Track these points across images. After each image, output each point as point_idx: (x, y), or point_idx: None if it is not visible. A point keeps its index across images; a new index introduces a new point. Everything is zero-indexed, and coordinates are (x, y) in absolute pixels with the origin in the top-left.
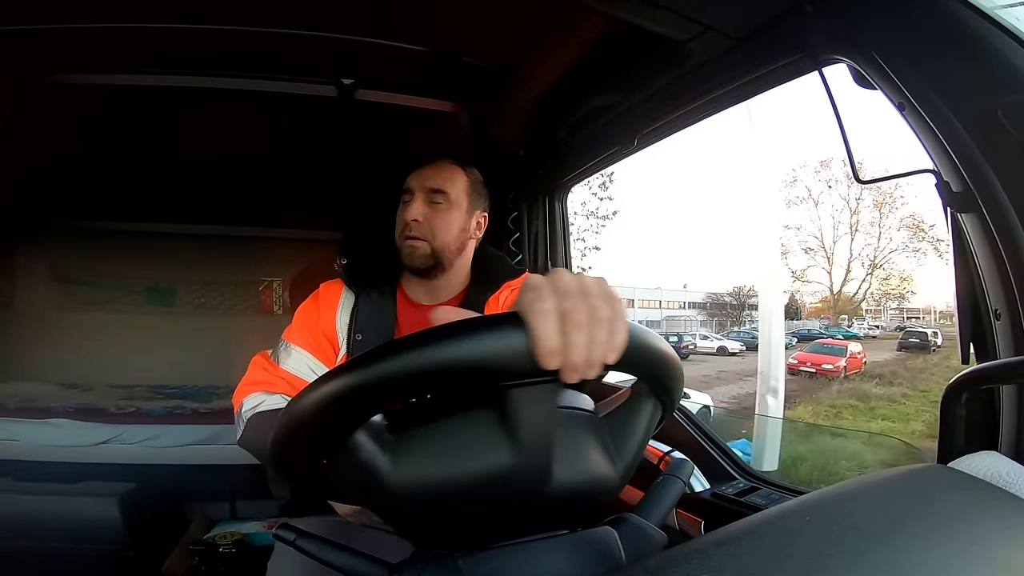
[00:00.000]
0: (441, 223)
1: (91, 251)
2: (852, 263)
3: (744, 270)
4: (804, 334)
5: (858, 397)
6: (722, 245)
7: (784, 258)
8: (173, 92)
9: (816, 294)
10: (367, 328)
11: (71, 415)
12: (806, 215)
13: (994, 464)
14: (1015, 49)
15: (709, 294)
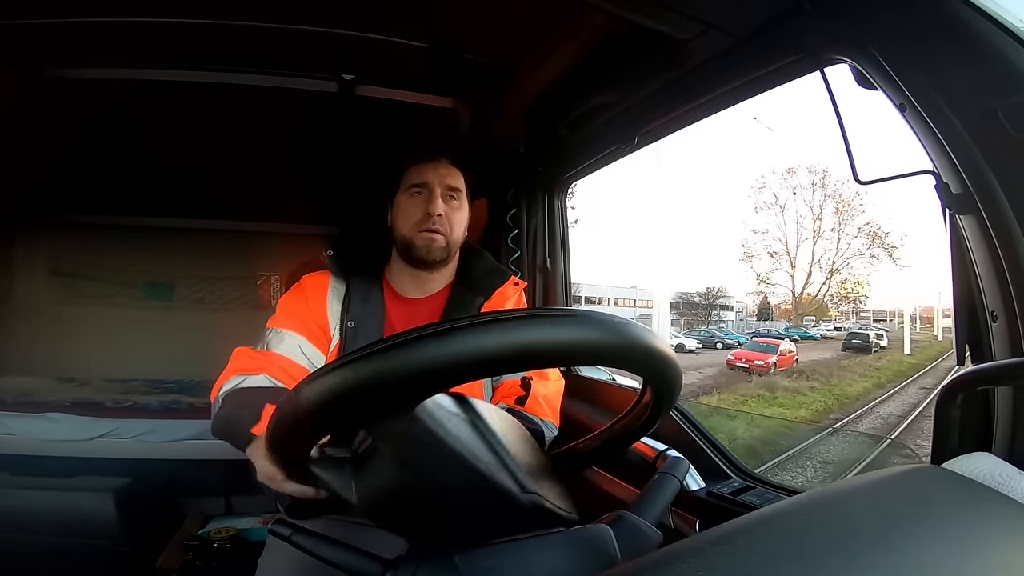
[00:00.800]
0: (457, 219)
1: (89, 245)
2: (813, 267)
3: (713, 272)
4: (763, 333)
5: (768, 389)
6: (693, 248)
7: (749, 261)
8: (173, 87)
9: (781, 296)
10: (359, 318)
11: (68, 409)
12: (772, 220)
13: (987, 465)
14: (1017, 50)
15: (679, 294)
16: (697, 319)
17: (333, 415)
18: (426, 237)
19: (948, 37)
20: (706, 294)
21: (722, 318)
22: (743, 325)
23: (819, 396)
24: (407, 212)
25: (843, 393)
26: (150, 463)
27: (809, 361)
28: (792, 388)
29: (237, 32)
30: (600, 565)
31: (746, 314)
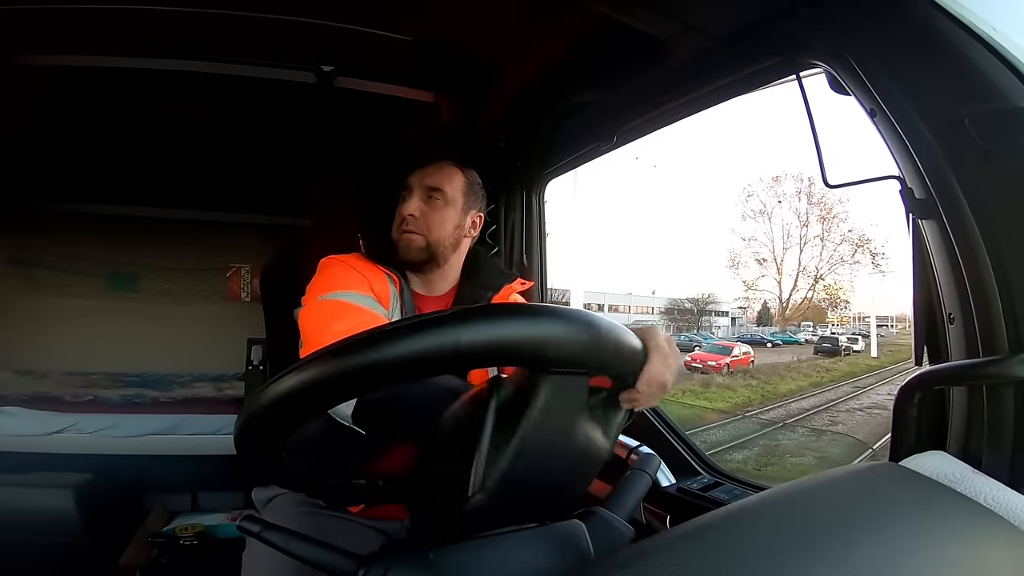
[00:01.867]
0: (437, 219)
1: (51, 234)
2: (799, 274)
3: (704, 279)
4: (748, 339)
5: (703, 385)
6: (684, 255)
7: (736, 268)
8: (144, 74)
9: (772, 302)
10: (406, 313)
11: (25, 403)
12: (759, 227)
13: (941, 464)
14: (987, 58)
15: (671, 300)
16: (688, 324)
17: (311, 400)
18: (403, 238)
19: (921, 44)
20: (696, 300)
21: (715, 324)
22: (743, 331)
23: (748, 392)
24: (397, 215)
25: (773, 390)
26: (112, 459)
27: (768, 363)
28: (726, 385)
29: (211, 20)
30: (573, 560)
31: (746, 320)
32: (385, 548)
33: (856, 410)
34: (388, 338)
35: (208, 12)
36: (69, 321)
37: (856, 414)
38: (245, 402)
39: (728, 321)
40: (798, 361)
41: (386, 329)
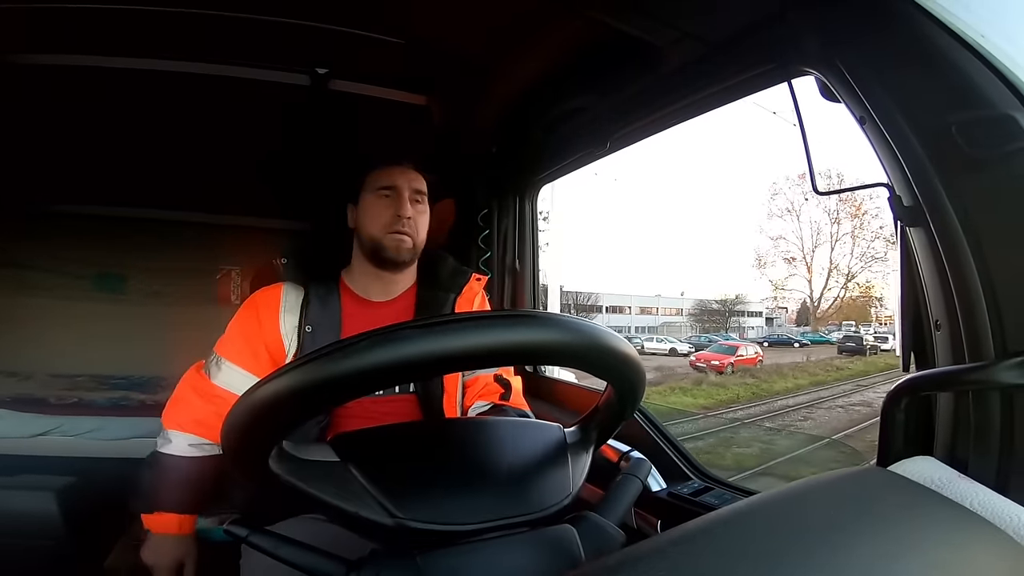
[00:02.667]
0: (422, 222)
1: (36, 234)
2: (832, 272)
3: (733, 279)
4: (775, 339)
5: (695, 383)
6: (713, 256)
7: (762, 268)
8: (137, 75)
9: (799, 301)
10: (318, 322)
11: (8, 405)
12: (786, 226)
13: (928, 468)
14: (975, 65)
15: (698, 302)
16: (716, 325)
17: (290, 410)
18: (396, 238)
19: (910, 51)
20: (724, 301)
21: (747, 325)
22: (780, 331)
23: (739, 389)
24: (375, 213)
25: (769, 388)
26: (96, 462)
27: (782, 362)
28: (719, 383)
29: (206, 21)
30: (564, 565)
31: (785, 320)
32: (374, 553)
33: (837, 407)
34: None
35: (203, 13)
36: (55, 322)
37: (835, 410)
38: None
39: (761, 322)
40: (810, 361)
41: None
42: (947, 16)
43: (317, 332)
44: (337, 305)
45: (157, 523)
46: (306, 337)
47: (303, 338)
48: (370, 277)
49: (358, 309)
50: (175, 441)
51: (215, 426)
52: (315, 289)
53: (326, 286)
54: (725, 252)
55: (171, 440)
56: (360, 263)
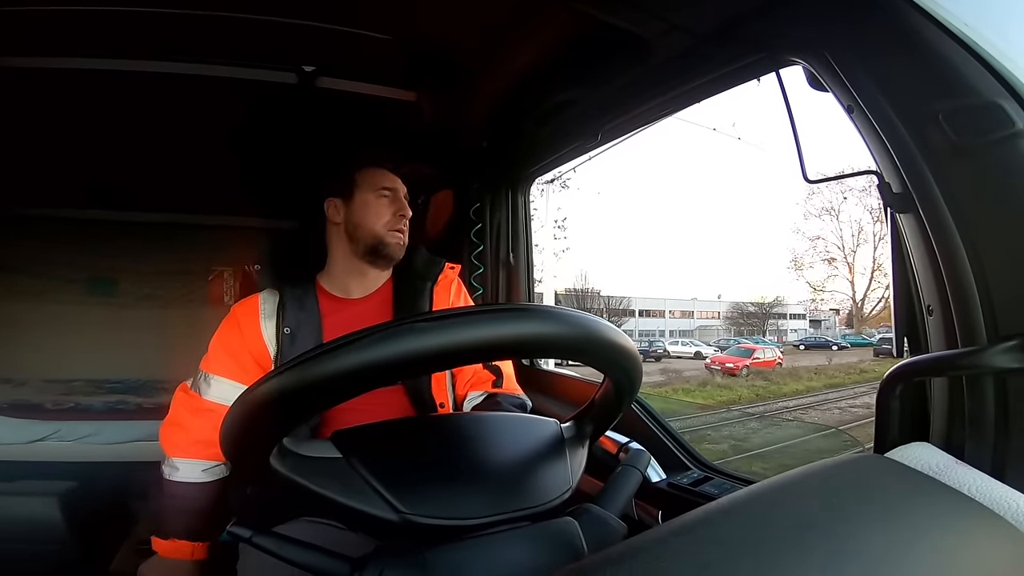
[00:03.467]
0: (408, 222)
1: (27, 239)
2: (876, 272)
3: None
4: (811, 342)
5: (700, 385)
6: (750, 257)
7: (799, 270)
8: (123, 76)
9: (845, 303)
10: (297, 324)
11: (4, 412)
12: (825, 226)
13: (925, 455)
14: (960, 54)
15: (734, 304)
16: (753, 329)
17: (287, 409)
18: (397, 236)
19: (896, 40)
20: (761, 304)
21: (789, 328)
22: (830, 334)
23: (744, 391)
24: (378, 212)
25: (775, 391)
26: (96, 466)
27: (803, 365)
28: (725, 385)
29: (192, 21)
30: (567, 558)
31: (836, 322)
32: (379, 549)
33: (836, 408)
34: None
35: (188, 13)
36: (48, 327)
37: (831, 411)
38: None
39: (804, 324)
40: (832, 364)
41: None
42: (932, 5)
43: (297, 334)
44: (315, 306)
45: (168, 548)
46: (285, 339)
47: (282, 341)
48: (352, 275)
49: (337, 307)
50: (183, 468)
51: (217, 442)
52: (291, 292)
53: (302, 288)
54: (763, 254)
55: (178, 468)
56: (345, 261)
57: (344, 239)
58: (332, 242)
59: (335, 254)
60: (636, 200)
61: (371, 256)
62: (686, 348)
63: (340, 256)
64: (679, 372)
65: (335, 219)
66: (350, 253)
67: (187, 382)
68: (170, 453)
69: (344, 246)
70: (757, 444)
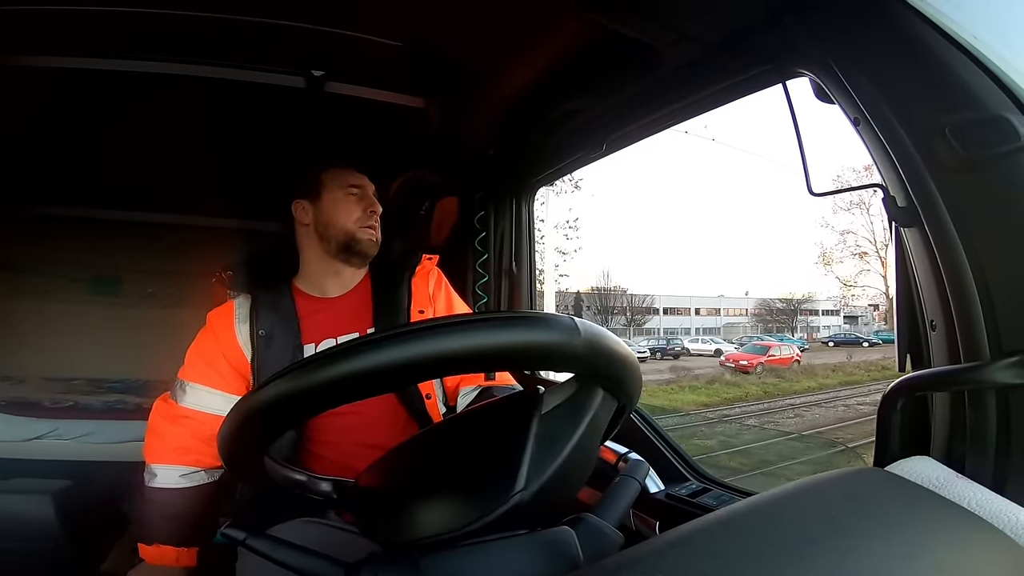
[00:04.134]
0: (380, 218)
1: (29, 237)
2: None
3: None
4: (841, 338)
5: (707, 382)
6: (778, 253)
7: (828, 265)
8: (131, 77)
9: (878, 298)
10: (271, 324)
11: (2, 409)
12: (855, 220)
13: (926, 469)
14: (968, 67)
15: (761, 301)
16: (782, 326)
17: (284, 415)
18: (369, 232)
19: (903, 52)
20: (790, 300)
21: (820, 324)
22: (867, 331)
23: (752, 388)
24: (347, 209)
25: (786, 388)
26: (92, 465)
27: (824, 362)
28: (733, 382)
29: (201, 23)
30: (563, 567)
31: (874, 318)
32: (373, 555)
33: (841, 406)
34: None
35: (198, 15)
36: (49, 325)
37: (836, 409)
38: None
39: (837, 320)
40: (852, 361)
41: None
42: (940, 18)
43: (273, 335)
44: (291, 307)
45: (153, 554)
46: (260, 342)
47: (258, 343)
48: (328, 275)
49: (315, 307)
50: (160, 474)
51: (195, 448)
52: (264, 295)
53: (277, 290)
54: (792, 249)
55: (156, 474)
56: (318, 260)
57: (315, 239)
58: (303, 243)
59: (307, 255)
60: (662, 196)
61: (345, 254)
62: (706, 346)
63: (313, 257)
64: (690, 370)
65: (303, 220)
66: (323, 253)
67: (167, 393)
68: (148, 460)
69: (315, 246)
70: (745, 441)
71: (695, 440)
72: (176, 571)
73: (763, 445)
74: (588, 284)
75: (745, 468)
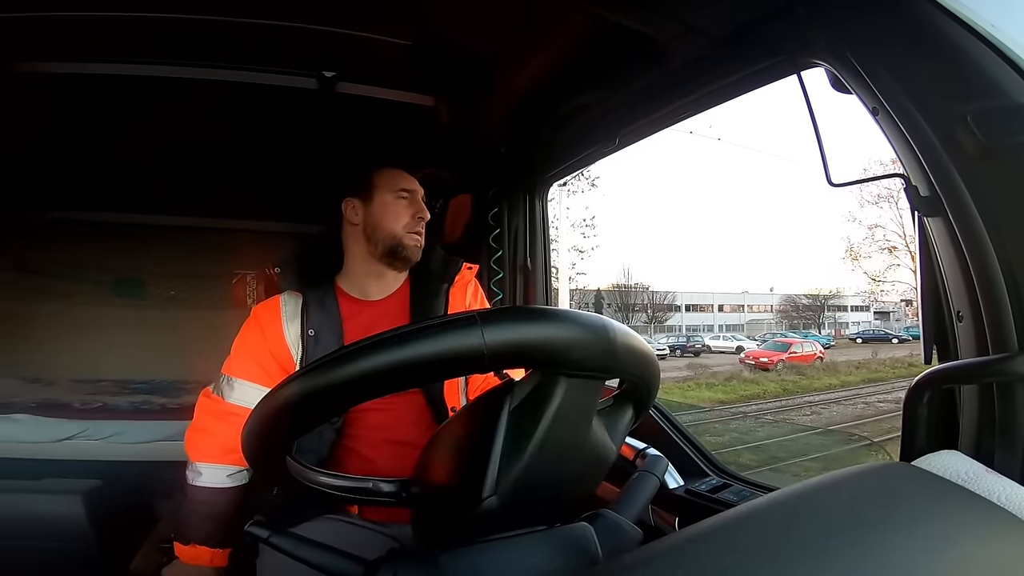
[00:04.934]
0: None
1: (56, 242)
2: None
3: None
4: (869, 335)
5: (725, 379)
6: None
7: (856, 260)
8: (146, 81)
9: (908, 294)
10: (319, 325)
11: (34, 410)
12: (883, 214)
13: (954, 463)
14: (987, 55)
15: (786, 297)
16: (808, 322)
17: (310, 411)
18: (415, 238)
19: (921, 41)
20: (816, 296)
21: (849, 320)
22: (899, 326)
23: (771, 385)
24: (397, 213)
25: (806, 385)
26: (121, 465)
27: (848, 359)
28: (752, 380)
29: (214, 27)
30: (582, 563)
31: (906, 315)
32: (393, 552)
33: (862, 403)
34: (414, 337)
35: (211, 19)
36: (76, 328)
37: (856, 406)
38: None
39: (868, 316)
40: (877, 358)
41: (415, 328)
42: (955, 5)
43: (320, 336)
44: (335, 308)
45: (188, 554)
46: (310, 341)
47: (307, 343)
48: (370, 276)
49: (356, 309)
50: (206, 473)
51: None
52: (312, 294)
53: (323, 290)
54: (818, 244)
55: (202, 472)
56: (363, 262)
57: (362, 240)
58: (349, 243)
59: (353, 255)
60: (685, 193)
61: (389, 258)
62: (728, 343)
63: (358, 257)
64: (708, 367)
65: (353, 220)
66: (368, 255)
67: (209, 387)
68: (194, 458)
69: (362, 247)
70: (759, 437)
71: (706, 437)
72: (209, 571)
73: (777, 442)
74: (608, 282)
75: (753, 464)
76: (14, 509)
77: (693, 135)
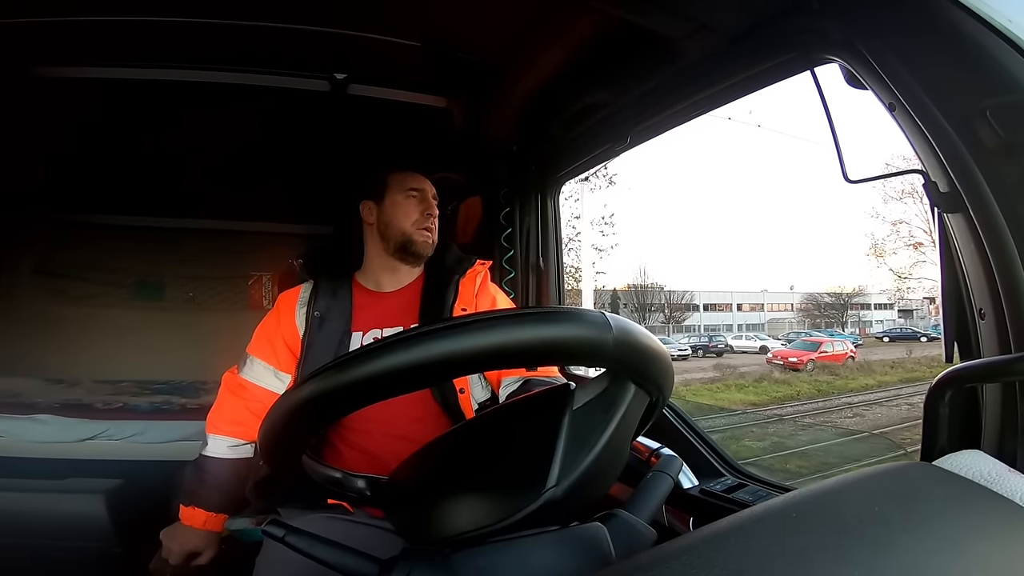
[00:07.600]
0: (438, 221)
1: (78, 245)
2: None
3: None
4: (896, 333)
5: (755, 380)
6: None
7: (880, 257)
8: (163, 85)
9: (935, 291)
10: (327, 308)
11: (56, 411)
12: (907, 209)
13: (977, 462)
14: (1005, 50)
15: (807, 295)
16: (831, 320)
17: (324, 410)
18: (425, 234)
19: (936, 37)
20: (839, 294)
21: (872, 319)
22: (924, 324)
23: (804, 386)
24: (407, 211)
25: (841, 386)
26: (141, 464)
27: (873, 359)
28: (783, 380)
29: (228, 30)
30: (595, 563)
31: (929, 312)
32: (406, 551)
33: (905, 404)
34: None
35: (225, 23)
36: (97, 330)
37: (900, 407)
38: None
39: (892, 315)
40: (912, 357)
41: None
42: (973, 0)
43: (326, 318)
44: (348, 296)
45: (187, 515)
46: (314, 323)
47: (311, 324)
48: (386, 271)
49: (370, 300)
50: (211, 444)
51: (246, 421)
52: (326, 280)
53: (339, 279)
54: (840, 242)
55: (208, 443)
56: (379, 257)
57: (377, 238)
58: (367, 242)
59: (370, 252)
60: (699, 191)
61: (401, 253)
62: (750, 343)
63: (374, 254)
64: (735, 368)
65: (368, 220)
66: (383, 251)
67: (236, 366)
68: (208, 430)
69: (377, 244)
70: (801, 441)
71: (746, 441)
72: (200, 533)
73: (823, 446)
74: (624, 281)
75: (804, 471)
76: (37, 508)
77: (732, 121)
